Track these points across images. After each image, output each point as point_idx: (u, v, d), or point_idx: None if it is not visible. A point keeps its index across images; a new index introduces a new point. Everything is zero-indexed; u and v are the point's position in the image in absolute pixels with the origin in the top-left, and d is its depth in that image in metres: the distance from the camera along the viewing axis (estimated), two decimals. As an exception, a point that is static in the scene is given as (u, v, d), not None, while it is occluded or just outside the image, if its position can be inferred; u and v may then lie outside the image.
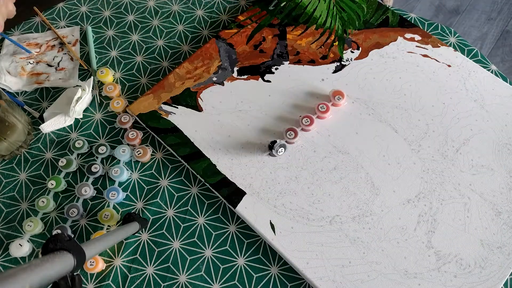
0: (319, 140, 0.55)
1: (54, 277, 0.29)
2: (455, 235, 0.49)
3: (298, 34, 0.63)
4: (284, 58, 0.62)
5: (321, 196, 0.52)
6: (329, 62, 0.61)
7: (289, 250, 0.49)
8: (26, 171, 0.57)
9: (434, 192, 0.52)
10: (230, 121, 0.57)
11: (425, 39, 0.62)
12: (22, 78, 0.63)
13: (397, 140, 0.55)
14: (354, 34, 0.63)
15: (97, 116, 0.60)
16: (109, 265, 0.51)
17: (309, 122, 0.55)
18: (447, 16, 1.22)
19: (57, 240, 0.32)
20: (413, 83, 0.59)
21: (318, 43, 0.62)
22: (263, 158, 0.55)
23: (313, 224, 0.51)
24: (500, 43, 1.25)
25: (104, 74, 0.61)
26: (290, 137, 0.54)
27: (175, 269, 0.50)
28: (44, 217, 0.54)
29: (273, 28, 0.64)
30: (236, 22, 0.65)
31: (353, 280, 0.48)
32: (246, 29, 0.64)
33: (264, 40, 0.63)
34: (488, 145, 0.54)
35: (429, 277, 0.47)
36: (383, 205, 0.51)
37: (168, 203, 0.54)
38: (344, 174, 0.53)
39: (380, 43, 0.62)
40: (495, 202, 0.51)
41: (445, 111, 0.57)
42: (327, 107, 0.56)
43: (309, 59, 0.61)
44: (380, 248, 0.49)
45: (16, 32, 0.68)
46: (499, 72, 0.61)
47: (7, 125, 0.55)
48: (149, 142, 0.58)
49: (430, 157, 0.54)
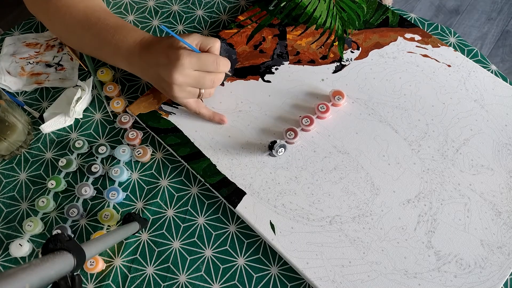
0: (319, 140, 0.55)
1: (54, 277, 0.30)
2: (455, 235, 0.49)
3: (298, 34, 0.63)
4: (284, 58, 0.62)
5: (321, 196, 0.52)
6: (329, 62, 0.61)
7: (289, 250, 0.49)
8: (26, 171, 0.57)
9: (434, 192, 0.52)
10: (230, 121, 0.57)
11: (425, 39, 0.62)
12: (22, 78, 0.63)
13: (397, 140, 0.55)
14: (354, 34, 0.63)
15: (97, 116, 0.60)
16: (109, 265, 0.51)
17: (309, 122, 0.55)
18: (447, 16, 1.22)
19: (57, 240, 0.32)
20: (413, 83, 0.59)
21: (318, 43, 0.62)
22: (263, 158, 0.55)
23: (313, 224, 0.51)
24: (500, 43, 1.26)
25: (104, 74, 0.61)
26: (290, 137, 0.54)
27: (175, 269, 0.50)
28: (44, 217, 0.54)
29: (273, 28, 0.64)
30: (236, 22, 0.65)
31: (353, 280, 0.48)
32: (246, 29, 0.64)
33: (264, 40, 0.63)
34: (488, 145, 0.54)
35: (429, 277, 0.47)
36: (383, 205, 0.51)
37: (168, 203, 0.54)
38: (344, 174, 0.53)
39: (380, 43, 0.62)
40: (495, 202, 0.51)
41: (445, 111, 0.57)
42: (327, 107, 0.56)
43: (309, 59, 0.61)
44: (380, 248, 0.49)
45: (16, 32, 0.68)
46: (499, 72, 0.61)
47: (7, 125, 0.54)
48: (149, 142, 0.58)
49: (430, 157, 0.54)
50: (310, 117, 0.55)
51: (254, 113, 0.58)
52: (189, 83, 0.51)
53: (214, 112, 0.57)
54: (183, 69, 0.50)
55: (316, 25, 0.64)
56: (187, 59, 0.49)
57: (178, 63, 0.49)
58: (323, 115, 0.56)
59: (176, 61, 0.49)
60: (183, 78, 0.50)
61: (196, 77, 0.51)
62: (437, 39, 0.62)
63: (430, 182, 0.52)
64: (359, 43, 0.62)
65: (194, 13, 0.68)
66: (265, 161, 0.54)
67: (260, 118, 0.57)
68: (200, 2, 0.69)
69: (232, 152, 0.55)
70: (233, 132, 0.57)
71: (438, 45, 0.61)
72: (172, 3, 0.69)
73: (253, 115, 0.57)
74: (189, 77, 0.51)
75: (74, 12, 0.56)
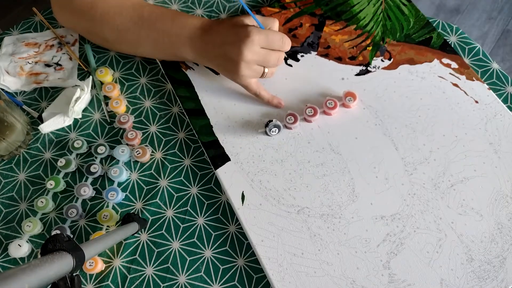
0: (317, 134, 0.56)
1: (53, 278, 0.29)
2: (416, 265, 0.48)
3: (336, 29, 0.63)
4: (313, 48, 0.62)
5: (298, 185, 0.53)
6: (355, 64, 0.60)
7: (250, 224, 0.51)
8: (25, 171, 0.57)
9: (411, 217, 0.50)
10: (240, 93, 0.59)
11: (461, 69, 0.59)
12: (21, 78, 0.62)
13: (394, 157, 0.54)
14: (391, 44, 0.62)
15: (96, 116, 0.60)
16: (109, 266, 0.51)
17: (312, 113, 0.55)
18: (448, 15, 1.18)
19: (56, 241, 0.31)
20: (432, 108, 0.57)
21: (352, 43, 0.62)
22: (257, 134, 0.56)
23: (281, 208, 0.51)
24: (501, 42, 1.22)
25: (103, 74, 0.60)
26: (289, 122, 0.55)
27: (174, 269, 0.50)
28: (43, 217, 0.54)
29: (314, 17, 0.64)
30: (280, 3, 0.66)
31: (299, 271, 0.48)
32: (288, 11, 0.65)
33: (301, 26, 0.64)
34: (487, 191, 0.52)
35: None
36: (355, 213, 0.51)
37: (167, 203, 0.54)
38: (329, 172, 0.53)
39: (414, 60, 0.60)
40: (472, 248, 0.49)
41: (455, 144, 0.54)
42: (335, 105, 0.56)
43: (337, 55, 0.61)
44: (336, 251, 0.49)
45: (15, 31, 0.67)
46: (501, 71, 0.57)
47: (6, 125, 0.54)
48: (148, 142, 0.58)
49: (421, 183, 0.52)
50: (315, 109, 0.55)
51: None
52: (256, 60, 0.52)
53: (273, 95, 0.57)
54: (253, 45, 0.50)
55: (357, 25, 0.63)
56: (256, 36, 0.50)
57: (248, 40, 0.50)
58: (329, 111, 0.56)
59: (246, 38, 0.50)
60: (251, 55, 0.50)
61: (263, 55, 0.51)
62: (474, 73, 0.59)
63: (412, 206, 0.51)
64: (393, 54, 0.61)
65: (194, 12, 0.67)
66: (259, 137, 0.56)
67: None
68: (200, 1, 0.68)
69: (231, 119, 0.57)
70: (239, 102, 0.58)
71: (473, 78, 0.58)
72: (171, 2, 0.68)
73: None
74: (257, 54, 0.51)
75: (125, 11, 0.56)
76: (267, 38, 0.51)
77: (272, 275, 0.48)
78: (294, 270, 0.48)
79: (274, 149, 0.55)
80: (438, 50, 0.61)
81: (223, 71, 0.55)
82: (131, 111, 0.60)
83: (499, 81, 0.59)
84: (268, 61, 0.53)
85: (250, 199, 0.52)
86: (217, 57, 0.54)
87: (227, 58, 0.52)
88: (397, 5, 0.64)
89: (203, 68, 0.61)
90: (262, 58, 0.52)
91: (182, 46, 0.55)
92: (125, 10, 0.56)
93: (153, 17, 0.56)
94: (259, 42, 0.50)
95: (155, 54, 0.60)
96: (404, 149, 0.54)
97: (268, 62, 0.53)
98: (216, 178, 0.55)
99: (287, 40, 0.53)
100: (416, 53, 0.61)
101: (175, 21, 0.55)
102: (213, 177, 0.55)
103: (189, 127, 0.58)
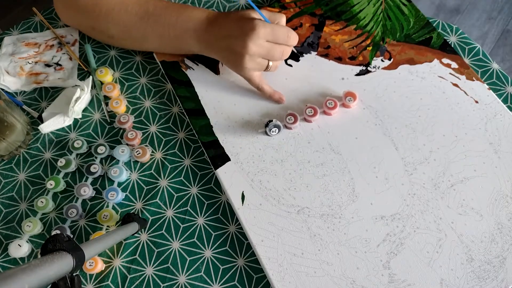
0: (317, 134, 0.56)
1: (53, 278, 0.29)
2: (416, 265, 0.48)
3: (336, 29, 0.63)
4: (313, 48, 0.62)
5: (298, 185, 0.53)
6: (355, 64, 0.60)
7: (250, 224, 0.51)
8: (25, 171, 0.57)
9: (411, 217, 0.50)
10: (240, 93, 0.59)
11: (461, 69, 0.59)
12: (21, 78, 0.62)
13: (394, 157, 0.54)
14: (391, 44, 0.62)
15: (96, 116, 0.60)
16: (109, 266, 0.51)
17: (312, 113, 0.55)
18: (448, 15, 1.19)
19: (56, 241, 0.31)
20: (432, 108, 0.57)
21: (352, 43, 0.62)
22: (257, 134, 0.56)
23: (281, 208, 0.51)
24: (501, 42, 1.22)
25: (103, 74, 0.60)
26: (289, 122, 0.55)
27: (174, 269, 0.50)
28: (43, 217, 0.54)
29: (314, 17, 0.64)
30: (280, 3, 0.66)
31: (299, 271, 0.48)
32: (288, 11, 0.65)
33: (300, 26, 0.64)
34: (487, 191, 0.52)
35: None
36: (355, 213, 0.51)
37: (167, 203, 0.54)
38: (329, 172, 0.53)
39: (414, 60, 0.60)
40: (472, 248, 0.49)
41: (455, 144, 0.54)
42: (335, 105, 0.56)
43: (337, 55, 0.61)
44: (336, 251, 0.49)
45: (15, 31, 0.67)
46: (501, 71, 0.57)
47: (6, 125, 0.54)
48: (148, 142, 0.58)
49: (421, 183, 0.52)
50: (315, 109, 0.55)
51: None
52: (261, 53, 0.52)
53: (275, 90, 0.57)
54: (258, 39, 0.50)
55: (357, 25, 0.63)
56: (262, 29, 0.50)
57: (253, 33, 0.50)
58: (329, 111, 0.56)
59: (251, 31, 0.50)
60: (256, 48, 0.51)
61: (268, 48, 0.52)
62: (474, 73, 0.59)
63: (412, 206, 0.51)
64: (393, 54, 0.61)
65: None
66: (259, 137, 0.56)
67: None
68: (200, 1, 0.68)
69: (231, 119, 0.57)
70: (239, 102, 0.58)
71: (473, 78, 0.58)
72: (171, 1, 0.66)
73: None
74: (261, 47, 0.51)
75: (130, 7, 0.56)
76: (272, 32, 0.51)
77: (272, 275, 0.48)
78: (294, 270, 0.48)
79: (274, 149, 0.55)
80: (438, 50, 0.61)
81: (227, 63, 0.55)
82: (131, 111, 0.60)
83: (499, 81, 0.59)
84: (272, 55, 0.53)
85: (250, 199, 0.52)
86: (222, 50, 0.54)
87: (232, 50, 0.52)
88: (397, 5, 0.64)
89: (203, 68, 0.61)
90: (266, 51, 0.52)
91: (188, 39, 0.56)
92: (130, 5, 0.56)
93: (158, 11, 0.56)
94: (264, 35, 0.51)
95: (161, 48, 0.60)
96: (404, 149, 0.54)
97: (272, 56, 0.53)
98: (216, 178, 0.55)
99: (292, 35, 0.53)
100: (416, 53, 0.61)
101: (181, 14, 0.55)
102: (213, 177, 0.55)
103: (189, 127, 0.58)
